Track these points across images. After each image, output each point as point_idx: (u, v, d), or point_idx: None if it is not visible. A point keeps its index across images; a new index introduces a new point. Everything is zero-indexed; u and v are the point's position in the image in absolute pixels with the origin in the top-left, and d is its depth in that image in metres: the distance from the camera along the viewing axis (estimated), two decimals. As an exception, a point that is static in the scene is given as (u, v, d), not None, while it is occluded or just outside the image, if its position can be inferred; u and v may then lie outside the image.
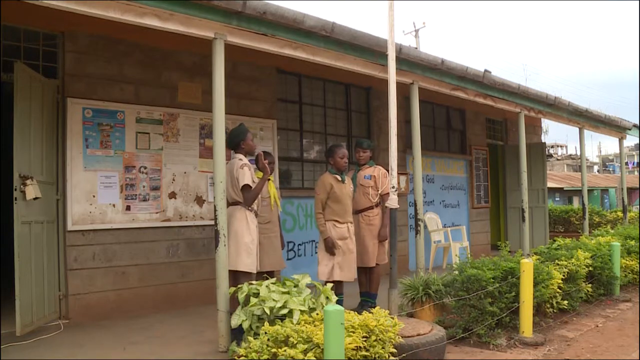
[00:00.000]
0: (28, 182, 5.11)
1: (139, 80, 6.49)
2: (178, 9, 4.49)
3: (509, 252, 5.91)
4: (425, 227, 9.25)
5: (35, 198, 5.19)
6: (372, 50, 5.94)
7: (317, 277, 5.53)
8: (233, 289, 4.43)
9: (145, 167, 6.43)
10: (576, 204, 24.58)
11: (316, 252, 8.21)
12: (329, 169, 5.79)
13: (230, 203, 5.03)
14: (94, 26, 5.61)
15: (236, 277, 4.92)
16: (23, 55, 5.82)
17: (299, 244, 8.03)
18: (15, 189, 5.01)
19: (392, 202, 5.39)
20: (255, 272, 5.09)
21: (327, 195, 5.62)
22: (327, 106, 8.83)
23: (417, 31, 29.25)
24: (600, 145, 58.16)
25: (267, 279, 4.38)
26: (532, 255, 6.50)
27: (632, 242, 8.05)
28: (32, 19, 5.70)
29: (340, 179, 5.70)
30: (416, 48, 18.04)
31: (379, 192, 5.89)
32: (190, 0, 4.49)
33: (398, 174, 5.51)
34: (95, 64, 6.16)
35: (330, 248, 5.57)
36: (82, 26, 5.91)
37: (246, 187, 5.04)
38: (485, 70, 7.75)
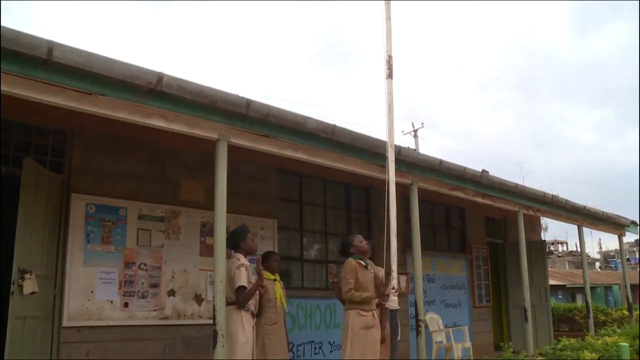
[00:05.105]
0: (27, 276, 5.08)
1: (142, 177, 6.60)
2: (183, 110, 4.63)
3: (513, 352, 5.79)
4: (427, 327, 9.08)
5: (33, 292, 5.14)
6: (372, 151, 6.08)
7: None
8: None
9: (145, 264, 6.42)
10: (579, 301, 24.21)
11: (316, 353, 8.08)
12: (352, 255, 5.73)
13: (229, 303, 5.00)
14: (102, 124, 5.77)
15: (233, 378, 4.81)
16: (30, 150, 5.96)
17: (298, 345, 7.85)
18: (13, 283, 4.97)
19: (393, 303, 5.34)
20: None
21: (354, 280, 5.53)
22: (327, 205, 8.91)
23: (415, 131, 29.92)
24: (600, 242, 57.79)
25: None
26: (537, 356, 6.34)
27: (640, 342, 7.87)
28: (44, 116, 5.87)
29: (364, 264, 5.66)
30: (415, 149, 18.40)
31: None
32: (195, 102, 4.65)
33: (398, 274, 5.49)
34: (100, 160, 6.29)
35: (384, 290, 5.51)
36: (91, 124, 6.08)
37: (241, 288, 5.04)
38: (483, 170, 7.89)
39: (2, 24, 3.54)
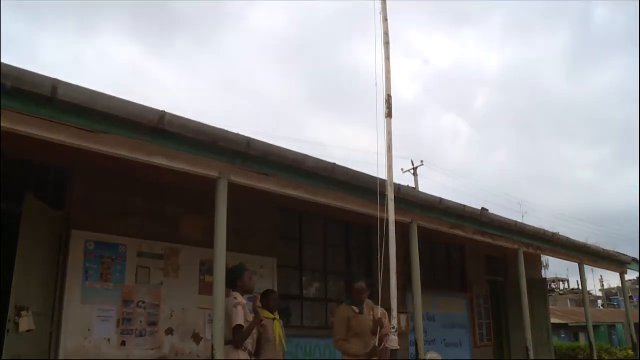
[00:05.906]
0: (23, 313, 5.03)
1: (142, 215, 6.59)
2: (185, 149, 4.67)
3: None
4: (427, 366, 8.96)
5: (29, 330, 5.08)
6: (372, 190, 6.08)
7: None
8: None
9: (143, 302, 6.36)
10: (583, 340, 23.94)
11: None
12: (347, 301, 5.67)
13: (226, 342, 4.95)
14: (103, 161, 5.80)
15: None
16: (31, 186, 5.98)
17: (298, 385, 7.75)
18: (9, 321, 4.91)
19: (393, 343, 5.27)
20: None
21: (345, 330, 5.43)
22: (327, 243, 8.88)
23: (415, 169, 29.96)
24: (602, 279, 57.23)
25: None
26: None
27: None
28: (46, 153, 5.89)
29: (358, 310, 5.57)
30: (414, 188, 18.40)
31: (379, 334, 5.76)
32: (196, 141, 4.68)
33: (398, 313, 5.44)
34: (101, 197, 6.29)
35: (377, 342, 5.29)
36: (92, 160, 6.10)
37: (238, 328, 5.00)
38: (483, 209, 7.90)
39: (8, 63, 3.60)
